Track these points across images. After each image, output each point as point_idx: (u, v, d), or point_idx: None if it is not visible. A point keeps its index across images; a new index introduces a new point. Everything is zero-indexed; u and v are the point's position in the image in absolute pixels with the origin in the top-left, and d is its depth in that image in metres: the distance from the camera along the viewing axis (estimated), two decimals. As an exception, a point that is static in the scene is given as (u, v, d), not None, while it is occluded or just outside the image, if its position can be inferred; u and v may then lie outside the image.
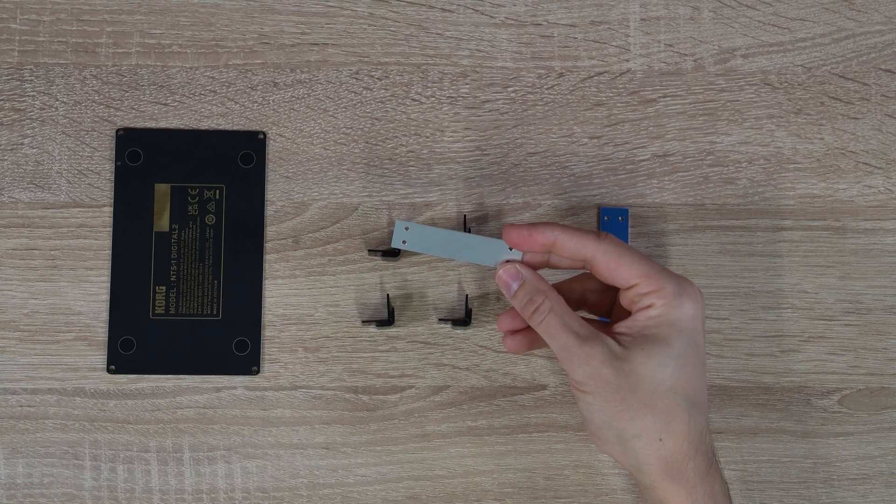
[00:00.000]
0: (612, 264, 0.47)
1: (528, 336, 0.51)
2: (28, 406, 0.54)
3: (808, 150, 0.57)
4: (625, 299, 0.48)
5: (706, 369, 0.50)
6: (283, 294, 0.55)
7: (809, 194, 0.57)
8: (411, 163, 0.56)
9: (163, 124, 0.56)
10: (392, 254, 0.55)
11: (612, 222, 0.56)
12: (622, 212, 0.56)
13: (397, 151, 0.56)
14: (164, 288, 0.55)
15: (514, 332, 0.51)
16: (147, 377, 0.55)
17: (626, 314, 0.49)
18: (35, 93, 0.56)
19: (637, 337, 0.47)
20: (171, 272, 0.55)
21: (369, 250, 0.55)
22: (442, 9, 0.57)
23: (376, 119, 0.57)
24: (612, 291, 0.51)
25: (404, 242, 0.49)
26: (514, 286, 0.49)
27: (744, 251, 0.56)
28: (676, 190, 0.57)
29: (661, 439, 0.47)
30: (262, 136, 0.56)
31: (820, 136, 0.57)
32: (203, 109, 0.56)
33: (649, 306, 0.47)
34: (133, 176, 0.56)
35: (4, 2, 0.56)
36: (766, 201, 0.57)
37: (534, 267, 0.49)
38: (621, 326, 0.48)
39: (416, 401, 0.55)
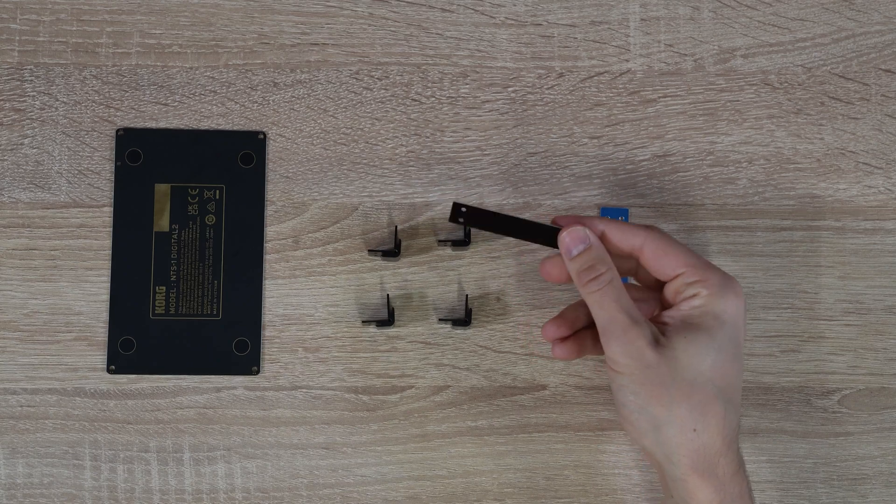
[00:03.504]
0: (660, 253, 0.48)
1: (577, 342, 0.51)
2: (28, 406, 0.54)
3: (808, 150, 0.57)
4: (669, 290, 0.48)
5: (743, 370, 0.49)
6: (283, 294, 0.55)
7: (809, 194, 0.57)
8: (411, 163, 0.56)
9: (163, 124, 0.56)
10: (392, 254, 0.55)
11: None
12: (622, 212, 0.56)
13: (397, 151, 0.56)
14: (164, 288, 0.55)
15: (562, 339, 0.51)
16: (147, 377, 0.55)
17: (666, 294, 0.49)
18: (35, 93, 0.56)
19: (679, 325, 0.47)
20: (171, 272, 0.55)
21: (369, 250, 0.55)
22: (442, 9, 0.57)
23: (376, 119, 0.57)
24: (656, 290, 0.51)
25: (461, 221, 0.49)
26: (575, 250, 0.47)
27: (744, 251, 0.56)
28: (676, 190, 0.57)
29: (695, 430, 0.46)
30: (262, 136, 0.56)
31: (820, 136, 0.57)
32: (203, 109, 0.56)
33: (694, 296, 0.47)
34: (133, 176, 0.56)
35: (4, 2, 0.56)
36: (766, 201, 0.57)
37: None
38: (664, 315, 0.48)
39: (416, 401, 0.55)
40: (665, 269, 0.48)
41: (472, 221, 0.49)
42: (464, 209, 0.49)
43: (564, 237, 0.48)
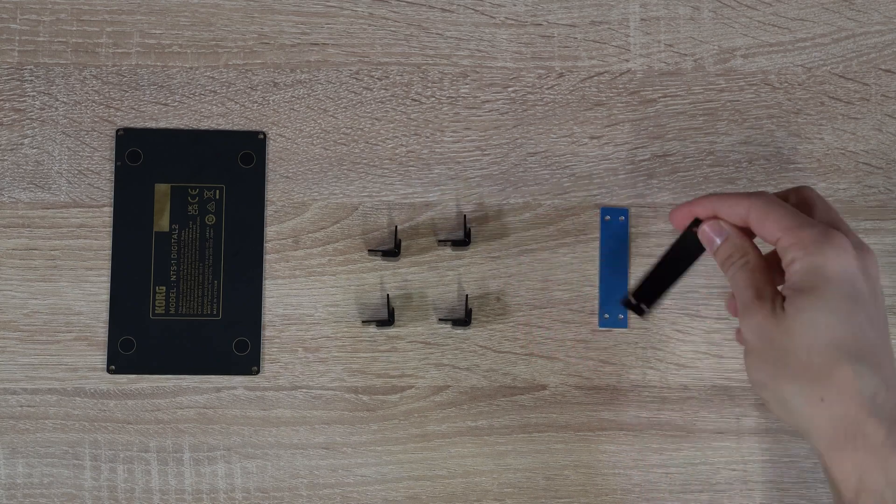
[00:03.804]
0: (761, 220, 0.46)
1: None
2: (28, 406, 0.54)
3: (808, 150, 0.57)
4: (778, 250, 0.47)
5: (881, 321, 0.46)
6: (283, 294, 0.55)
7: (809, 194, 0.57)
8: (411, 163, 0.56)
9: (163, 124, 0.56)
10: (392, 254, 0.55)
11: (612, 222, 0.56)
12: (622, 212, 0.56)
13: (397, 151, 0.56)
14: (164, 288, 0.55)
15: None
16: (147, 377, 0.55)
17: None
18: (35, 93, 0.56)
19: (790, 293, 0.45)
20: (171, 272, 0.55)
21: (369, 250, 0.55)
22: (442, 9, 0.57)
23: (376, 119, 0.57)
24: None
25: (642, 308, 0.50)
26: (718, 241, 0.48)
27: (744, 251, 0.56)
28: (676, 190, 0.57)
29: (822, 399, 0.43)
30: (262, 136, 0.56)
31: (820, 136, 0.57)
32: (203, 109, 0.56)
33: (793, 260, 0.45)
34: (133, 176, 0.56)
35: (4, 2, 0.56)
36: (766, 201, 0.57)
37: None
38: (783, 288, 0.46)
39: (416, 401, 0.55)
40: (767, 236, 0.46)
41: (648, 299, 0.50)
42: (634, 300, 0.50)
43: (706, 230, 0.48)
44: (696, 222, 0.49)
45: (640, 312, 0.50)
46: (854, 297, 0.44)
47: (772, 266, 0.48)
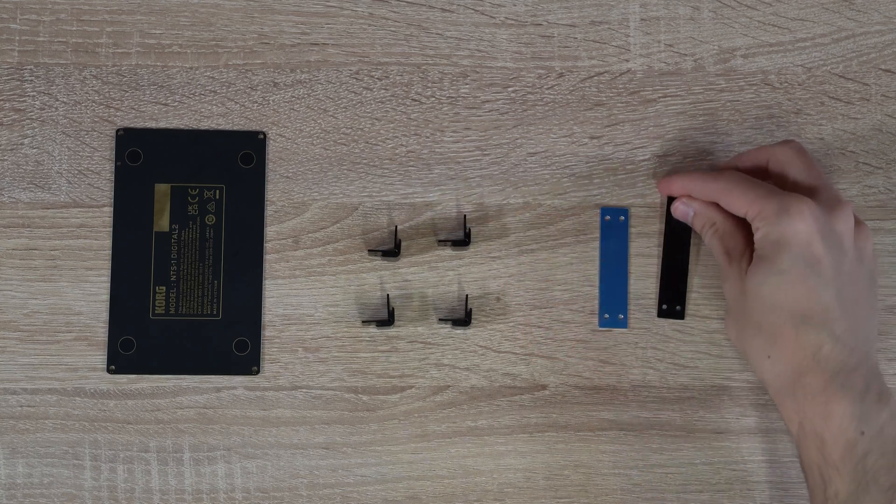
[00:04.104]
0: (728, 199, 0.51)
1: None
2: (28, 406, 0.54)
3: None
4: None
5: (856, 278, 0.50)
6: (283, 294, 0.55)
7: (809, 194, 0.57)
8: (411, 163, 0.56)
9: (163, 124, 0.56)
10: (392, 254, 0.55)
11: (612, 222, 0.56)
12: (622, 212, 0.56)
13: (397, 151, 0.56)
14: (164, 288, 0.55)
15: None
16: (147, 377, 0.55)
17: None
18: (35, 93, 0.56)
19: (755, 260, 0.50)
20: (171, 272, 0.55)
21: (369, 250, 0.55)
22: (442, 9, 0.57)
23: (376, 119, 0.57)
24: None
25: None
26: (690, 213, 0.54)
27: (744, 251, 0.56)
28: (676, 190, 0.57)
29: (769, 357, 0.49)
30: (262, 136, 0.56)
31: (820, 136, 0.57)
32: (203, 109, 0.56)
33: (757, 230, 0.50)
34: (133, 176, 0.56)
35: (4, 2, 0.56)
36: (766, 201, 0.57)
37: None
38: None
39: (416, 401, 0.55)
40: (737, 213, 0.51)
41: (678, 299, 0.56)
42: (666, 307, 0.56)
43: (677, 208, 0.54)
44: (671, 200, 0.55)
45: (681, 315, 0.55)
46: (809, 261, 0.48)
47: (747, 228, 0.52)
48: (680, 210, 0.54)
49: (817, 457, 0.48)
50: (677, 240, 0.55)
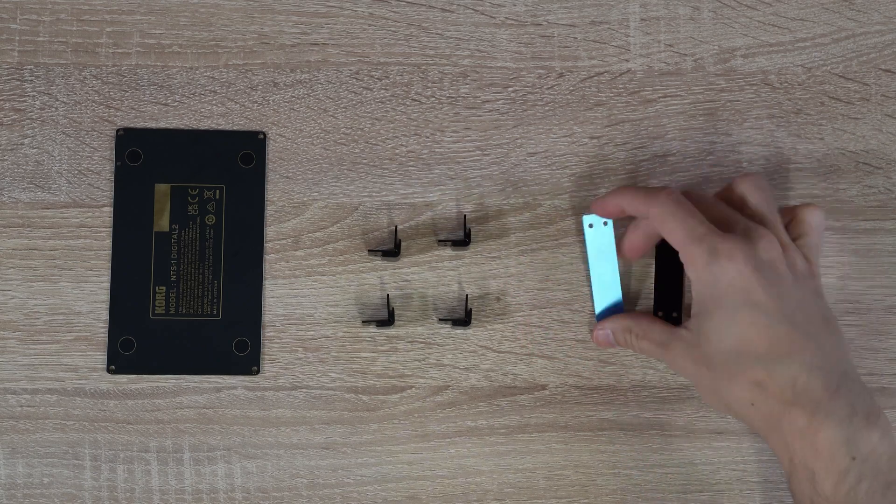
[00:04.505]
0: (662, 228, 0.49)
1: (642, 241, 0.53)
2: (28, 406, 0.54)
3: (808, 150, 0.57)
4: None
5: (805, 303, 0.48)
6: (283, 294, 0.55)
7: (809, 194, 0.57)
8: (411, 163, 0.56)
9: (163, 124, 0.56)
10: (392, 254, 0.55)
11: (596, 229, 0.54)
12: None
13: (397, 151, 0.56)
14: (164, 288, 0.55)
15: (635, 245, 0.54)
16: (147, 377, 0.55)
17: None
18: (35, 93, 0.56)
19: (695, 312, 0.49)
20: (171, 272, 0.55)
21: (369, 250, 0.55)
22: (442, 9, 0.57)
23: (376, 119, 0.57)
24: None
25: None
26: (611, 336, 0.54)
27: (744, 251, 0.56)
28: (676, 190, 0.57)
29: (752, 404, 0.47)
30: (262, 136, 0.56)
31: (820, 136, 0.57)
32: (203, 109, 0.56)
33: (689, 278, 0.49)
34: (133, 176, 0.56)
35: (4, 2, 0.56)
36: (766, 201, 0.57)
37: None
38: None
39: (416, 401, 0.55)
40: (671, 243, 0.50)
41: (674, 306, 0.55)
42: (662, 314, 0.55)
43: (598, 337, 0.55)
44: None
45: (678, 321, 0.54)
46: (751, 301, 0.47)
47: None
48: (601, 337, 0.55)
49: (809, 489, 0.46)
50: (669, 246, 0.53)
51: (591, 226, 0.55)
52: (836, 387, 0.46)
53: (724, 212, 0.50)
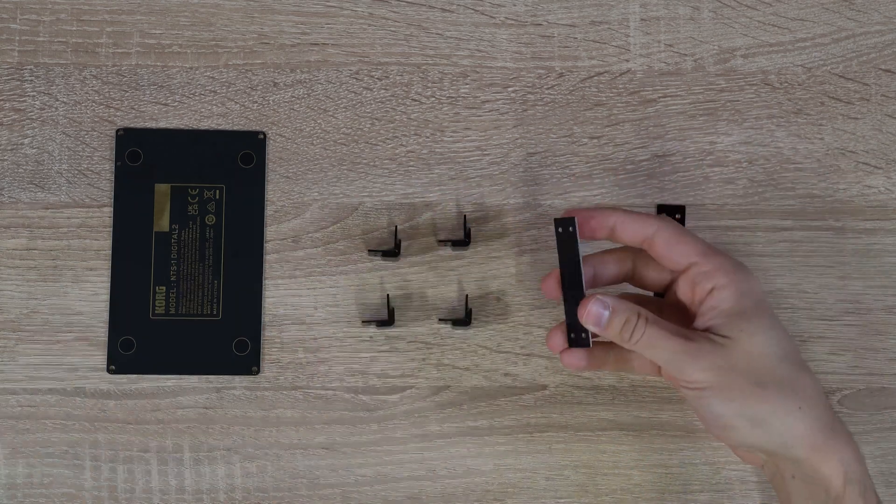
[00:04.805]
0: (672, 242, 0.48)
1: (593, 353, 0.50)
2: (28, 406, 0.54)
3: (808, 150, 0.57)
4: (684, 282, 0.48)
5: None
6: (283, 294, 0.55)
7: (809, 194, 0.57)
8: (411, 163, 0.56)
9: (163, 124, 0.56)
10: (392, 254, 0.55)
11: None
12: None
13: (397, 151, 0.56)
14: (164, 288, 0.55)
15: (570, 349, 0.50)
16: (147, 377, 0.55)
17: (685, 315, 0.49)
18: (35, 93, 0.56)
19: (726, 320, 0.46)
20: (171, 272, 0.55)
21: (369, 250, 0.55)
22: (442, 9, 0.57)
23: (376, 119, 0.57)
24: (666, 270, 0.50)
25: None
26: (606, 314, 0.47)
27: (744, 251, 0.56)
28: (676, 190, 0.57)
29: (800, 408, 0.46)
30: (262, 136, 0.56)
31: (820, 136, 0.57)
32: (203, 109, 0.56)
33: (714, 288, 0.47)
34: (133, 176, 0.56)
35: (4, 2, 0.56)
36: (766, 201, 0.57)
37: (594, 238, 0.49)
38: (701, 322, 0.47)
39: (416, 401, 0.55)
40: (678, 258, 0.48)
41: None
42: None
43: (591, 309, 0.47)
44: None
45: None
46: (773, 312, 0.48)
47: (620, 272, 0.51)
48: (594, 313, 0.47)
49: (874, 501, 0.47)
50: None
51: (560, 231, 0.49)
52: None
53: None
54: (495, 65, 0.57)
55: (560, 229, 0.49)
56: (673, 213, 0.56)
